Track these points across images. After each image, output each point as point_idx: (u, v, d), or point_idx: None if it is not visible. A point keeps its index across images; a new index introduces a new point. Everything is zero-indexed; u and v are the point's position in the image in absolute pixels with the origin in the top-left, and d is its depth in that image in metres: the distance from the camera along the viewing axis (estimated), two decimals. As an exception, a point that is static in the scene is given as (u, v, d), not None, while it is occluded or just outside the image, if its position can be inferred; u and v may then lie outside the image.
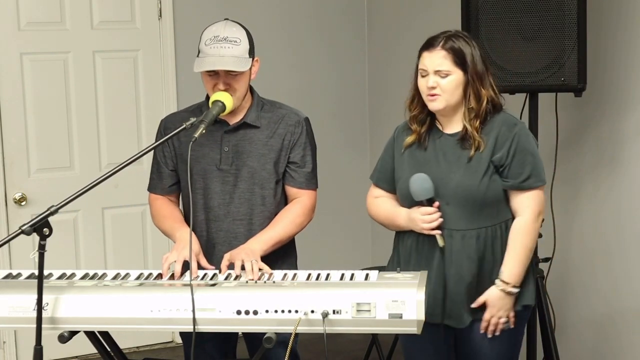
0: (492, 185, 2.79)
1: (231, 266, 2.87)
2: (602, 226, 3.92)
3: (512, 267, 2.79)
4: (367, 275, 2.65)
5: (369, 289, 2.51)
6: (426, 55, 2.82)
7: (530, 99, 3.65)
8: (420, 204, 2.80)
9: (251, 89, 3.07)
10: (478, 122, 2.80)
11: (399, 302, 2.46)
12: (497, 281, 2.79)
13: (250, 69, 2.96)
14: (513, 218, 2.84)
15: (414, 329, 2.48)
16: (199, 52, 2.94)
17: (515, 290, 2.80)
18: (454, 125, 2.86)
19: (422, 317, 2.47)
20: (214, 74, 2.90)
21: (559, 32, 3.44)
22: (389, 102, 5.23)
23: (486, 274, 2.82)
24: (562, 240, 3.93)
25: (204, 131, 2.69)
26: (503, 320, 2.80)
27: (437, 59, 2.79)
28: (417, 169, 2.84)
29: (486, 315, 2.80)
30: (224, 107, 2.84)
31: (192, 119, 2.70)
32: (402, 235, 2.93)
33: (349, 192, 5.25)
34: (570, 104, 3.84)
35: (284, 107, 3.09)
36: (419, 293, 2.47)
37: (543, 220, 2.94)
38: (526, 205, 2.81)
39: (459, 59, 2.78)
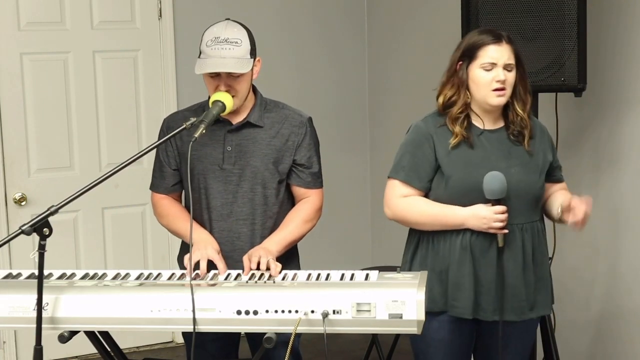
0: (544, 182, 2.93)
1: (233, 267, 2.88)
2: (602, 226, 3.92)
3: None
4: (367, 275, 2.65)
5: (369, 289, 2.51)
6: (494, 48, 2.82)
7: (530, 99, 3.64)
8: (488, 202, 2.80)
9: (254, 89, 3.07)
10: (527, 114, 2.90)
11: (399, 302, 2.46)
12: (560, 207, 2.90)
13: (252, 69, 2.96)
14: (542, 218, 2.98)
15: (414, 329, 2.47)
16: (200, 53, 2.94)
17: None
18: (495, 122, 2.90)
19: (422, 317, 2.46)
20: (215, 75, 2.90)
21: (559, 32, 3.44)
22: (389, 102, 5.23)
23: (538, 265, 2.89)
24: (562, 240, 3.93)
25: (204, 131, 2.69)
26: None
27: (507, 53, 2.82)
28: (471, 167, 2.83)
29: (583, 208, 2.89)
30: (224, 107, 2.84)
31: (193, 119, 2.71)
32: (446, 234, 2.87)
33: (349, 192, 5.26)
34: (570, 104, 3.84)
35: (287, 108, 3.09)
36: (419, 293, 2.47)
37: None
38: (566, 188, 3.05)
39: (517, 54, 2.85)
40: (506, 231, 2.80)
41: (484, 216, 2.79)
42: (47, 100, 4.59)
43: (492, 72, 2.81)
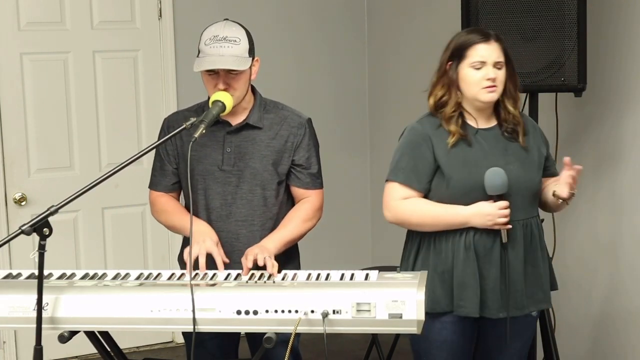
0: (540, 176, 2.94)
1: (232, 267, 2.88)
2: (602, 226, 3.92)
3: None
4: (367, 275, 2.65)
5: (369, 289, 2.51)
6: (483, 47, 2.83)
7: (530, 99, 3.65)
8: (490, 198, 2.81)
9: (254, 90, 3.07)
10: (518, 111, 2.91)
11: (399, 302, 2.46)
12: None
13: (251, 68, 2.97)
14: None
15: (414, 329, 2.47)
16: (198, 52, 2.95)
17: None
18: (488, 120, 2.91)
19: (422, 317, 2.46)
20: (214, 73, 2.90)
21: (559, 32, 3.44)
22: (389, 102, 5.23)
23: (538, 260, 2.91)
24: (561, 240, 3.93)
25: (204, 131, 2.69)
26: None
27: (496, 51, 2.84)
28: (469, 166, 2.84)
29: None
30: (224, 107, 2.84)
31: (192, 119, 2.70)
32: (449, 233, 2.87)
33: (349, 192, 5.26)
34: (570, 104, 3.84)
35: (286, 109, 3.09)
36: (419, 293, 2.47)
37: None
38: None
39: (506, 52, 2.87)
40: (510, 226, 2.81)
41: (488, 212, 2.80)
42: (47, 100, 4.59)
43: (481, 70, 2.82)
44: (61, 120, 4.63)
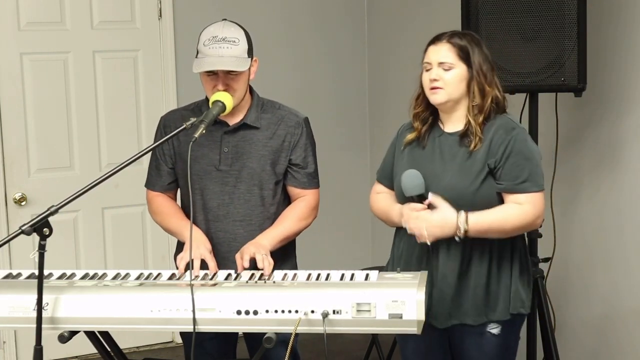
0: (483, 187, 2.77)
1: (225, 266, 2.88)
2: (602, 226, 3.92)
3: (482, 217, 2.72)
4: (367, 275, 2.65)
5: (369, 289, 2.51)
6: (431, 48, 2.84)
7: (530, 99, 3.65)
8: (411, 199, 2.79)
9: (251, 89, 3.07)
10: (482, 118, 2.80)
11: (399, 302, 2.46)
12: (462, 212, 2.72)
13: (249, 69, 2.97)
14: None
15: (414, 329, 2.47)
16: (197, 52, 2.94)
17: (460, 234, 2.70)
18: (455, 124, 2.86)
19: (422, 317, 2.46)
20: (213, 74, 2.90)
21: (559, 32, 3.44)
22: (389, 102, 5.23)
23: (471, 278, 2.81)
24: (562, 240, 3.93)
25: (204, 131, 2.69)
26: (421, 233, 2.71)
27: (442, 52, 2.81)
28: (413, 166, 2.84)
29: (423, 214, 2.73)
30: (224, 107, 2.84)
31: (192, 119, 2.70)
32: (398, 231, 2.95)
33: (349, 192, 5.25)
34: (570, 104, 3.84)
35: (283, 108, 3.09)
36: (419, 293, 2.47)
37: (541, 224, 2.93)
38: (524, 202, 2.75)
39: (463, 54, 2.80)
40: (423, 239, 2.73)
41: (402, 213, 2.80)
42: (47, 100, 4.59)
43: (430, 72, 2.83)
44: (61, 120, 4.63)
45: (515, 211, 2.75)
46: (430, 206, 2.75)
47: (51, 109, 4.60)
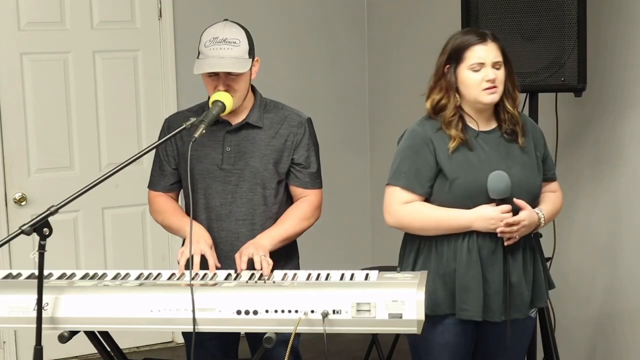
0: (541, 179, 2.95)
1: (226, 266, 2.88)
2: (602, 226, 3.92)
3: (548, 209, 2.93)
4: (367, 275, 2.65)
5: (369, 289, 2.51)
6: (482, 48, 2.81)
7: (530, 99, 3.65)
8: (493, 202, 2.80)
9: (254, 89, 3.07)
10: (517, 111, 2.90)
11: (399, 302, 2.46)
12: (536, 208, 2.89)
13: (251, 69, 2.97)
14: None
15: (414, 329, 2.47)
16: (198, 53, 2.95)
17: (541, 227, 2.93)
18: (488, 122, 2.90)
19: (422, 317, 2.46)
20: (214, 75, 2.90)
21: (559, 32, 3.44)
22: (389, 102, 5.23)
23: (535, 262, 2.92)
24: (562, 240, 3.93)
25: (204, 131, 2.69)
26: (517, 234, 2.81)
27: (494, 51, 2.82)
28: (472, 169, 2.82)
29: (517, 217, 2.80)
30: (223, 107, 2.84)
31: (193, 119, 2.71)
32: (451, 237, 2.85)
33: (349, 192, 5.25)
34: (570, 104, 3.84)
35: (286, 108, 3.09)
36: (419, 293, 2.47)
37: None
38: (557, 189, 3.04)
39: (504, 51, 2.85)
40: (512, 241, 2.80)
41: (492, 217, 2.78)
42: (47, 100, 4.59)
43: (481, 72, 2.80)
44: (61, 120, 4.63)
45: (557, 199, 3.04)
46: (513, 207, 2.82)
47: (51, 109, 4.60)
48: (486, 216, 2.79)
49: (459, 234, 2.84)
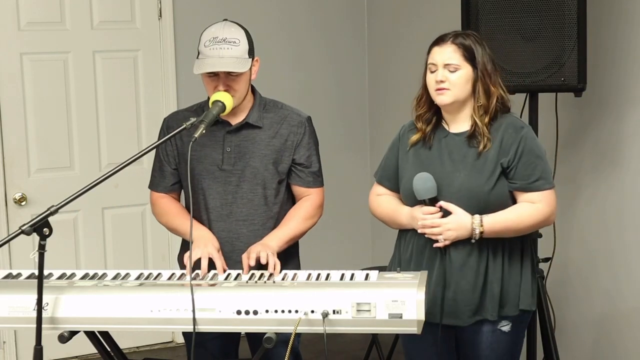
0: (497, 187, 2.79)
1: (232, 266, 2.88)
2: (602, 226, 3.92)
3: (496, 218, 2.77)
4: (367, 275, 2.65)
5: (369, 289, 2.51)
6: (436, 50, 2.83)
7: (530, 99, 3.65)
8: (423, 203, 2.80)
9: (253, 89, 3.07)
10: (487, 119, 2.82)
11: (399, 302, 2.46)
12: (476, 215, 2.76)
13: (251, 69, 2.97)
14: None
15: (414, 329, 2.48)
16: (198, 53, 2.95)
17: (477, 235, 2.75)
18: (460, 124, 2.87)
19: (422, 317, 2.47)
20: (214, 75, 2.90)
21: (559, 32, 3.44)
22: (389, 102, 5.23)
23: (488, 274, 2.82)
24: (562, 240, 3.93)
25: (203, 131, 2.69)
26: (442, 237, 2.76)
27: (447, 53, 2.81)
28: (421, 168, 2.84)
29: (439, 220, 2.76)
30: (223, 107, 2.84)
31: (192, 119, 2.71)
32: (404, 233, 2.94)
33: (349, 192, 5.25)
34: (570, 104, 3.84)
35: (285, 108, 3.10)
36: (419, 293, 2.47)
37: (554, 220, 2.96)
38: (537, 200, 2.81)
39: (469, 54, 2.81)
40: (440, 244, 2.77)
41: (414, 216, 2.82)
42: (47, 100, 4.59)
43: (435, 73, 2.82)
44: (61, 120, 4.63)
45: (529, 210, 2.80)
46: (442, 209, 2.78)
47: (51, 109, 4.60)
48: (412, 215, 2.83)
49: (408, 232, 2.90)
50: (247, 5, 4.89)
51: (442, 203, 2.78)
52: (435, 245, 2.79)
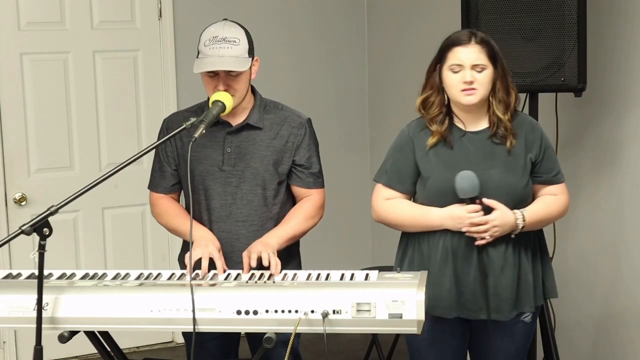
0: (529, 182, 2.89)
1: (233, 267, 2.88)
2: (602, 226, 3.92)
3: (533, 211, 2.86)
4: (367, 275, 2.66)
5: (369, 289, 2.51)
6: (461, 50, 2.82)
7: (530, 99, 3.65)
8: (462, 202, 2.80)
9: (254, 90, 3.07)
10: (509, 115, 2.86)
11: (399, 302, 2.46)
12: (516, 210, 2.82)
13: (250, 68, 2.97)
14: None
15: (414, 329, 2.48)
16: (198, 53, 2.95)
17: (519, 229, 2.83)
18: (478, 123, 2.89)
19: (422, 317, 2.47)
20: (213, 74, 2.90)
21: (559, 32, 3.45)
22: (389, 102, 5.23)
23: (522, 265, 2.87)
24: (562, 240, 3.93)
25: (203, 131, 2.69)
26: (488, 234, 2.78)
27: (475, 53, 2.81)
28: (447, 168, 2.83)
29: (486, 217, 2.79)
30: (224, 107, 2.84)
31: (193, 119, 2.70)
32: (428, 235, 2.89)
33: (349, 193, 5.25)
34: (570, 104, 3.84)
35: (286, 109, 3.10)
36: (419, 293, 2.47)
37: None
38: (558, 192, 2.94)
39: (491, 53, 2.83)
40: (484, 241, 2.79)
41: (458, 215, 2.80)
42: (47, 100, 4.59)
43: (459, 73, 2.81)
44: (61, 120, 4.63)
45: (556, 202, 2.94)
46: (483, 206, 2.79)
47: (51, 109, 4.60)
48: (454, 215, 2.81)
49: (436, 232, 2.87)
50: (247, 5, 4.89)
51: (485, 200, 2.79)
52: (477, 242, 2.80)
